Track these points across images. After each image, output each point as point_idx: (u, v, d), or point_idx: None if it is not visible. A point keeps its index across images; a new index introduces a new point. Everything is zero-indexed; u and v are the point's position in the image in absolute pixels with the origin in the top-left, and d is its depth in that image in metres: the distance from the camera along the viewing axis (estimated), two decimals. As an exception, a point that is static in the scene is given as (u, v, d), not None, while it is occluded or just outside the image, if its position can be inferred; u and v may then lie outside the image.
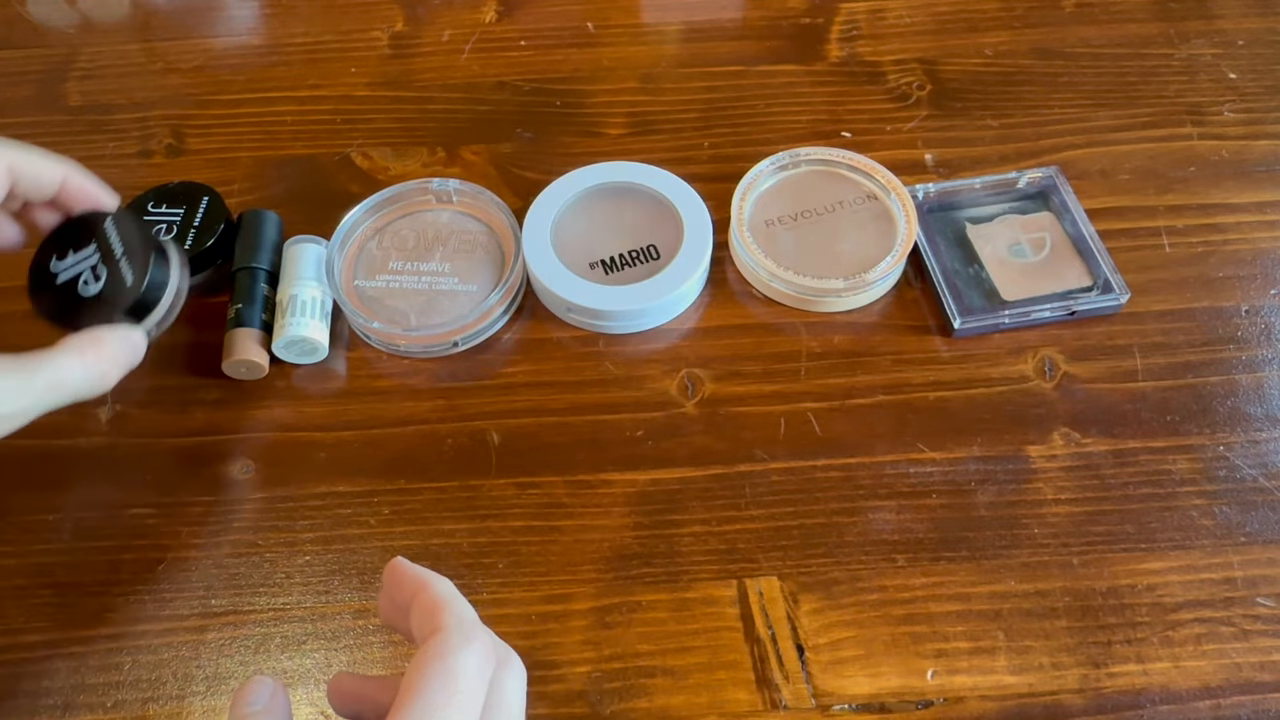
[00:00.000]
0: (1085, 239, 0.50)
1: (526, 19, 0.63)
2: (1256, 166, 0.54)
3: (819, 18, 0.62)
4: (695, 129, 0.57)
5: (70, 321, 0.39)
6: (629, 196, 0.52)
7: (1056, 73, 0.59)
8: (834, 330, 0.49)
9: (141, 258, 0.39)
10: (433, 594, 0.29)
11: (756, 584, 0.42)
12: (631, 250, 0.50)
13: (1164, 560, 0.42)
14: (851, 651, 0.40)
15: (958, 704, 0.39)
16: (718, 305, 0.50)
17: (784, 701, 0.39)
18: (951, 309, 0.48)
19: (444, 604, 0.29)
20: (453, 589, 0.30)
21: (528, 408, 0.47)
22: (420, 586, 0.30)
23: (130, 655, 0.41)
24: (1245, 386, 0.46)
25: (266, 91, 0.60)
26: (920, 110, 0.57)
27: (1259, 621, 0.40)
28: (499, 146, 0.57)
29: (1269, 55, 0.59)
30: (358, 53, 0.62)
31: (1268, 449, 0.45)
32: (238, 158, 0.57)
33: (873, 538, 0.43)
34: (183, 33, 0.63)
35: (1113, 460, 0.44)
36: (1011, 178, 0.52)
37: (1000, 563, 0.42)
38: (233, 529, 0.44)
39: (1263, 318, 0.49)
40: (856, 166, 0.52)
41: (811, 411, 0.46)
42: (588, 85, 0.59)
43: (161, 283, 0.40)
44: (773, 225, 0.51)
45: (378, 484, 0.45)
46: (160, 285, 0.40)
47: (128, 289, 0.39)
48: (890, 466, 0.45)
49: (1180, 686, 0.39)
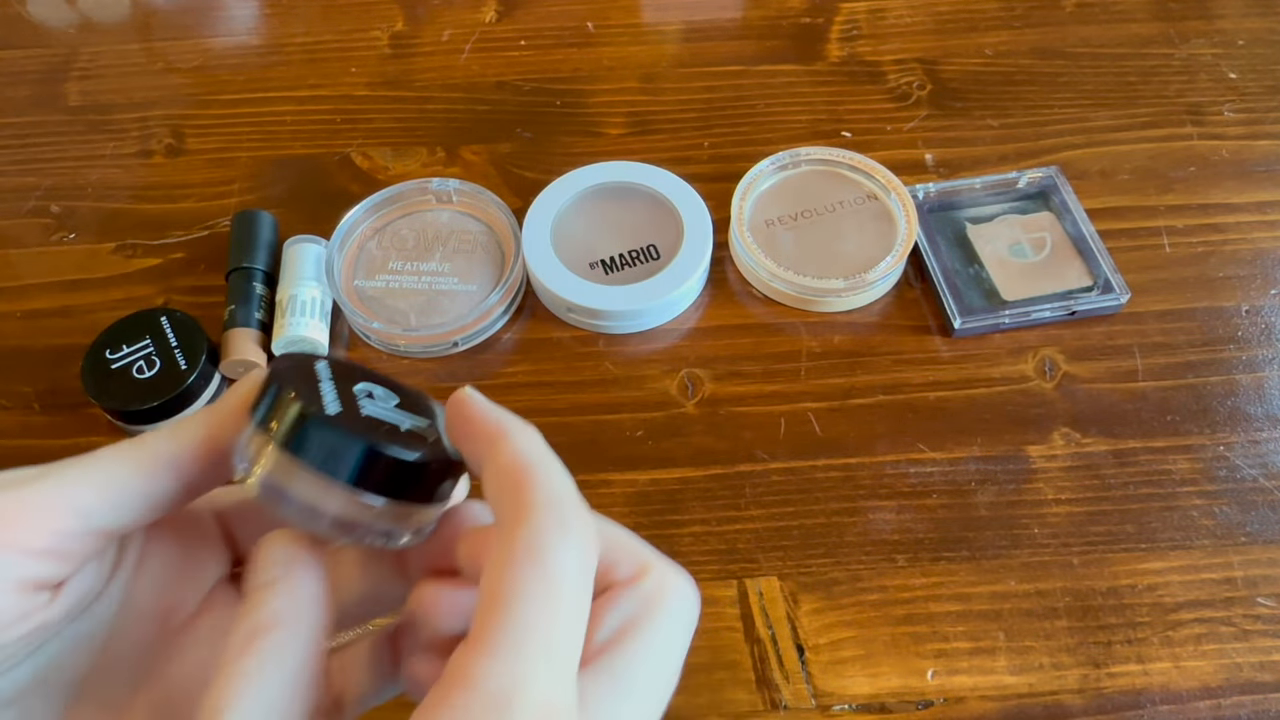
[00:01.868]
0: (1085, 239, 0.50)
1: (526, 19, 0.63)
2: (1256, 166, 0.54)
3: (819, 17, 0.62)
4: (695, 129, 0.57)
5: None
6: (629, 196, 0.52)
7: (1057, 73, 0.58)
8: (834, 330, 0.49)
9: None
10: (515, 453, 0.22)
11: (756, 584, 0.42)
12: (631, 250, 0.50)
13: (1164, 560, 0.42)
14: (852, 652, 0.40)
15: (958, 704, 0.39)
16: (718, 305, 0.50)
17: (784, 702, 0.39)
18: (952, 309, 0.48)
19: (532, 472, 0.21)
20: (542, 444, 0.22)
21: (527, 408, 0.47)
22: (497, 436, 0.22)
23: (130, 655, 0.41)
24: (1245, 386, 0.46)
25: (266, 91, 0.60)
26: (920, 110, 0.57)
27: (1259, 621, 0.40)
28: (499, 146, 0.57)
29: (1269, 55, 0.59)
30: (357, 52, 0.62)
31: (1268, 449, 0.45)
32: (237, 157, 0.57)
33: (873, 538, 0.43)
34: (182, 32, 0.63)
35: (1113, 460, 0.44)
36: (1012, 178, 0.52)
37: (1000, 563, 0.42)
38: (232, 529, 0.44)
39: (1263, 318, 0.49)
40: (857, 166, 0.52)
41: (812, 411, 0.46)
42: (588, 85, 0.59)
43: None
44: (773, 225, 0.51)
45: (377, 484, 0.45)
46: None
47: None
48: (890, 466, 0.45)
49: (1180, 686, 0.39)
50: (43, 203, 0.55)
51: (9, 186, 0.56)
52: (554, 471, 0.22)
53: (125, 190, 0.56)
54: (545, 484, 0.21)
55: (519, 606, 0.20)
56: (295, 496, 0.21)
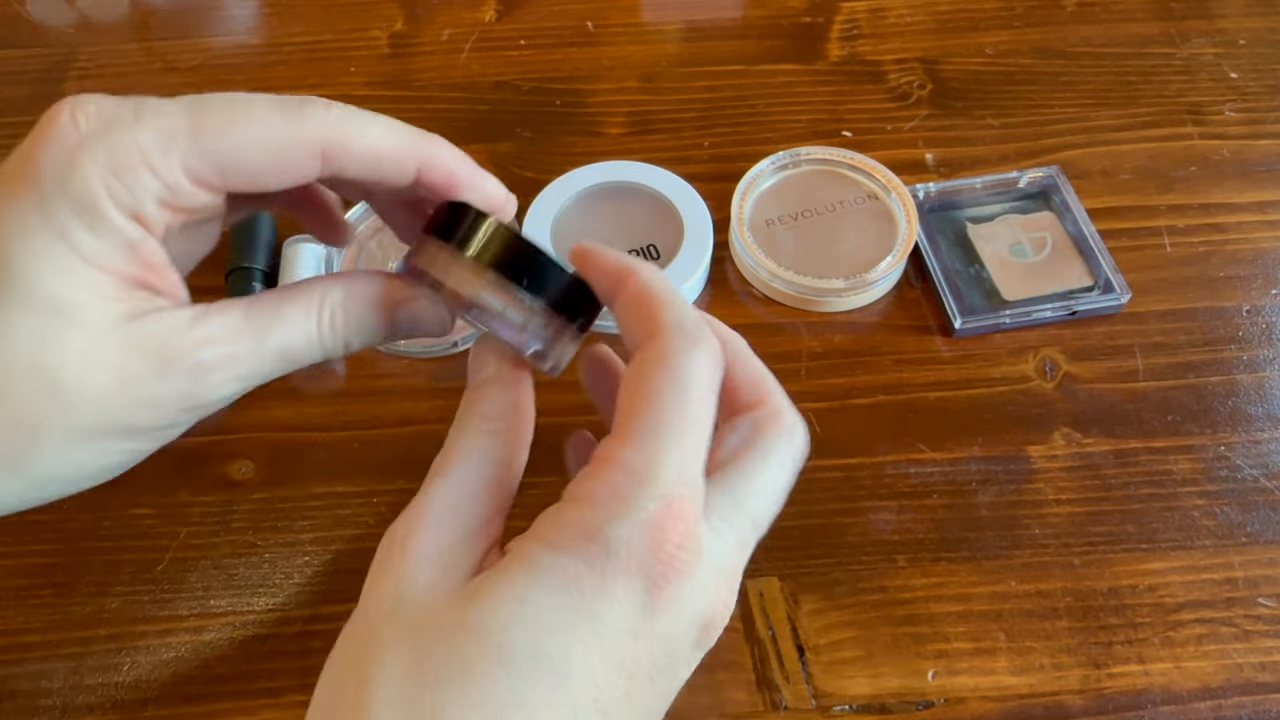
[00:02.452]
0: (1086, 239, 0.50)
1: (526, 18, 0.63)
2: (1257, 166, 0.54)
3: (819, 17, 0.62)
4: (695, 128, 0.57)
5: None
6: (629, 196, 0.52)
7: (1057, 72, 0.58)
8: (834, 330, 0.49)
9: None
10: (642, 284, 0.25)
11: (757, 584, 0.42)
12: (631, 250, 0.50)
13: (1165, 560, 0.42)
14: (852, 652, 0.40)
15: (958, 705, 0.39)
16: (718, 305, 0.50)
17: (784, 702, 0.39)
18: (952, 309, 0.48)
19: (660, 297, 0.25)
20: (664, 278, 0.26)
21: (527, 408, 0.47)
22: (624, 273, 0.26)
23: (129, 655, 0.41)
24: (1246, 386, 0.46)
25: (265, 91, 0.60)
26: (921, 110, 0.57)
27: (1260, 622, 0.40)
28: (499, 146, 0.57)
29: (1270, 55, 0.59)
30: (357, 52, 0.62)
31: (1269, 449, 0.45)
32: (237, 157, 0.57)
33: (873, 538, 0.43)
34: (182, 32, 0.63)
35: (1114, 460, 0.44)
36: (1012, 177, 0.52)
37: (1001, 563, 0.42)
38: (232, 529, 0.44)
39: (1264, 317, 0.49)
40: (857, 166, 0.52)
41: (812, 411, 0.46)
42: (588, 85, 0.59)
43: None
44: (773, 225, 0.51)
45: (377, 484, 0.45)
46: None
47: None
48: (891, 466, 0.44)
49: (1181, 687, 0.39)
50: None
51: (8, 186, 0.56)
52: (679, 297, 0.25)
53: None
54: (672, 306, 0.25)
55: (653, 403, 0.24)
56: (485, 301, 0.27)
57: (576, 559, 0.23)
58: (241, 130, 0.26)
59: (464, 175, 0.28)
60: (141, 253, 0.25)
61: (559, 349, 0.29)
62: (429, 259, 0.28)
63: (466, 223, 0.27)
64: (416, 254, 0.28)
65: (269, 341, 0.26)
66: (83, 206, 0.24)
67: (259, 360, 0.26)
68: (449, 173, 0.28)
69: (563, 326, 0.28)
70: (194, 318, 0.25)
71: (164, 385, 0.25)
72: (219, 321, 0.26)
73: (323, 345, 0.28)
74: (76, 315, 0.24)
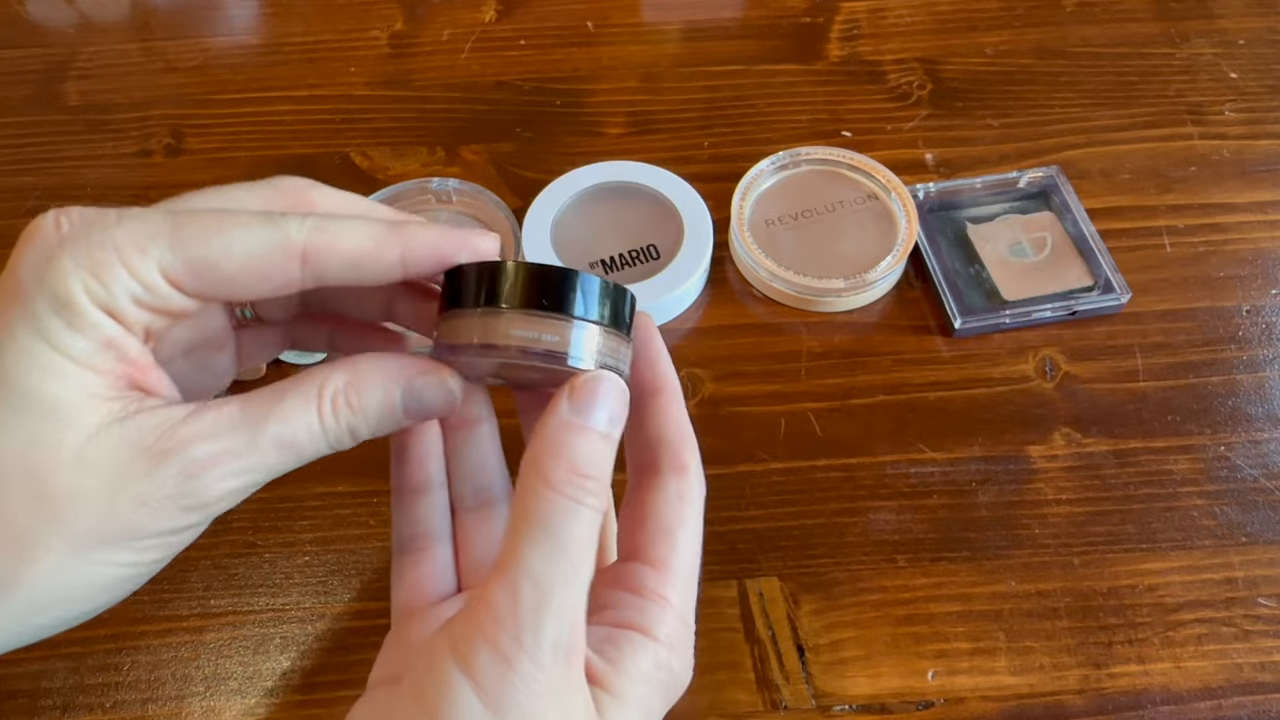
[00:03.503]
0: (1086, 239, 0.50)
1: (526, 18, 0.63)
2: (1257, 166, 0.54)
3: (819, 17, 0.62)
4: (695, 128, 0.57)
5: None
6: (629, 196, 0.52)
7: (1057, 72, 0.58)
8: (834, 330, 0.49)
9: None
10: (677, 414, 0.28)
11: (757, 584, 0.42)
12: (631, 250, 0.50)
13: (1165, 560, 0.42)
14: (852, 652, 0.40)
15: (958, 705, 0.39)
16: (718, 305, 0.50)
17: (784, 702, 0.39)
18: (952, 309, 0.48)
19: (689, 436, 0.28)
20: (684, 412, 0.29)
21: (527, 408, 0.47)
22: (659, 388, 0.28)
23: (129, 655, 0.41)
24: (1246, 386, 0.46)
25: (265, 91, 0.60)
26: (921, 110, 0.57)
27: (1260, 622, 0.40)
28: (499, 146, 0.57)
29: (1270, 55, 0.59)
30: (357, 52, 0.62)
31: (1269, 449, 0.45)
32: (236, 157, 0.57)
33: (873, 538, 0.43)
34: (182, 32, 0.63)
35: (1114, 460, 0.44)
36: (1012, 177, 0.52)
37: (1001, 563, 0.42)
38: (232, 529, 0.44)
39: (1263, 317, 0.49)
40: (857, 166, 0.52)
41: (812, 411, 0.46)
42: (587, 85, 0.59)
43: None
44: (773, 225, 0.51)
45: (378, 484, 0.45)
46: None
47: None
48: (890, 466, 0.44)
49: (1181, 687, 0.39)
50: (41, 203, 0.55)
51: (7, 186, 0.56)
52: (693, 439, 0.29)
53: (124, 190, 0.55)
54: (695, 445, 0.29)
55: (688, 549, 0.29)
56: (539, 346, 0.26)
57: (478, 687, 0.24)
58: (219, 234, 0.25)
59: (448, 244, 0.27)
60: (122, 349, 0.24)
61: (622, 354, 0.28)
62: (462, 331, 0.27)
63: (484, 278, 0.26)
64: (446, 334, 0.27)
65: (266, 434, 0.25)
66: (60, 302, 0.23)
67: (258, 455, 0.25)
68: (433, 247, 0.27)
69: (617, 333, 0.28)
70: (187, 414, 0.25)
71: (157, 484, 0.24)
72: (212, 417, 0.25)
73: (326, 435, 0.26)
74: (67, 415, 0.24)
